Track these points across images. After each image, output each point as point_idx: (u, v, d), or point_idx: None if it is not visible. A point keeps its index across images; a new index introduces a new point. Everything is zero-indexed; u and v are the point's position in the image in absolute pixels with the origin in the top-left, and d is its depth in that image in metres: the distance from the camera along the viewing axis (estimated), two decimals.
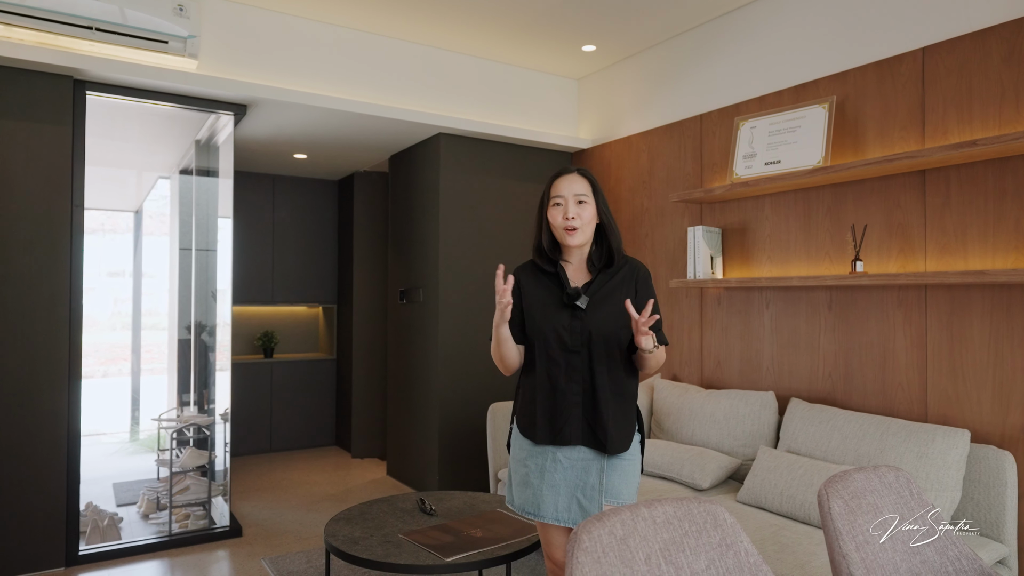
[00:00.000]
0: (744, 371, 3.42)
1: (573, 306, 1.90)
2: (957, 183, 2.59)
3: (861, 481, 1.39)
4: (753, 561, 1.18)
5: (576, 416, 1.88)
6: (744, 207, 3.42)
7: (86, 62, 3.06)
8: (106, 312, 3.13)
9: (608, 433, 1.86)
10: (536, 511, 1.91)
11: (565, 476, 1.89)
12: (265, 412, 5.60)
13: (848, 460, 2.62)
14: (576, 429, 1.88)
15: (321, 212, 6.01)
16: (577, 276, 1.99)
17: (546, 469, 1.91)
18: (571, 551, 1.05)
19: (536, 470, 1.92)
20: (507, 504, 2.03)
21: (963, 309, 2.57)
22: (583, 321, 1.89)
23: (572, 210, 1.91)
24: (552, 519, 1.89)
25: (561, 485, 1.89)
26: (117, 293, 4.69)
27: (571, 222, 1.91)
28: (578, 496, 1.88)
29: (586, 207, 1.93)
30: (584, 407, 1.89)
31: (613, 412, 1.88)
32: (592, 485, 1.88)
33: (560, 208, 1.94)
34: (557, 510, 1.89)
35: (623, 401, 1.92)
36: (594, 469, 1.89)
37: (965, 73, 2.57)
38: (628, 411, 1.94)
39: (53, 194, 3.12)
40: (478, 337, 4.26)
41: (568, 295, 1.91)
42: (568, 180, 1.96)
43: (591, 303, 1.90)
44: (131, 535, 3.51)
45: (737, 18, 3.49)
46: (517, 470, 1.99)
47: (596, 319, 1.88)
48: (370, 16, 3.68)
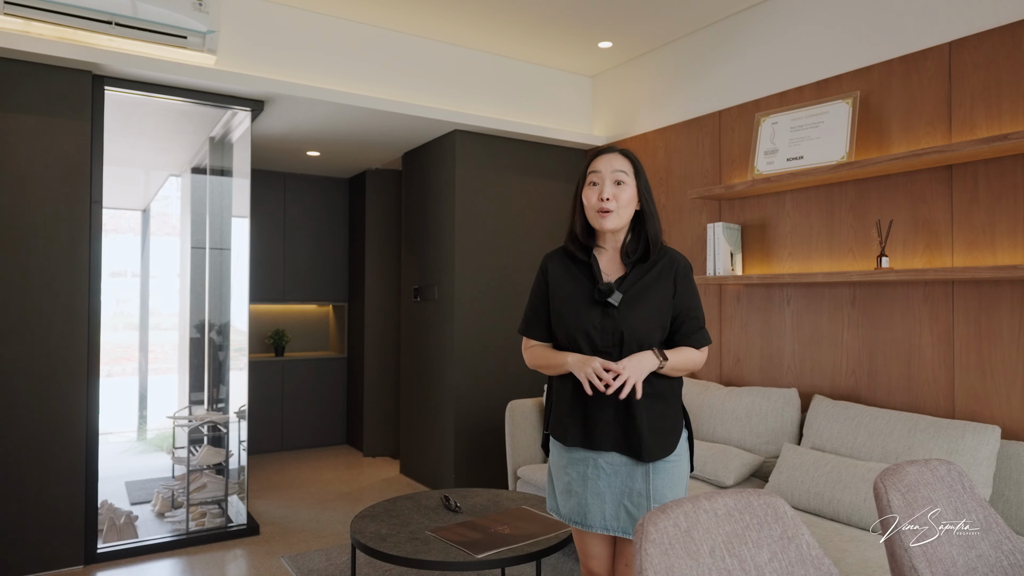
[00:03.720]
0: (765, 368, 3.40)
1: (604, 303, 1.75)
2: (985, 178, 2.57)
3: (914, 474, 1.37)
4: (815, 555, 1.17)
5: (608, 420, 1.75)
6: (764, 203, 3.41)
7: (105, 57, 3.05)
8: (108, 312, 3.13)
9: (643, 439, 1.72)
10: (583, 520, 1.78)
11: (609, 482, 1.76)
12: (276, 410, 5.59)
13: (875, 457, 2.60)
14: (608, 435, 1.75)
15: (332, 210, 5.99)
16: (611, 268, 1.83)
17: (588, 476, 1.77)
18: (639, 543, 1.03)
19: (578, 478, 1.79)
20: (549, 511, 1.92)
21: (991, 304, 2.55)
22: (615, 320, 1.74)
23: (608, 190, 1.76)
24: (600, 528, 1.77)
25: (606, 492, 1.76)
26: (121, 293, 4.67)
27: (606, 203, 1.76)
28: (625, 503, 1.75)
29: (624, 188, 1.77)
30: (616, 411, 1.75)
31: (648, 416, 1.74)
32: (639, 491, 1.74)
33: (596, 188, 1.79)
34: (605, 519, 1.76)
35: (661, 403, 1.77)
36: (639, 474, 1.75)
37: (993, 67, 2.55)
38: (668, 413, 1.79)
39: (72, 191, 3.10)
40: (494, 334, 4.25)
41: (599, 291, 1.75)
42: (608, 158, 1.81)
43: (624, 300, 1.75)
44: (147, 533, 3.49)
45: (757, 14, 3.48)
46: (559, 477, 1.86)
47: (629, 318, 1.73)
48: (387, 13, 3.66)
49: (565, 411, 1.81)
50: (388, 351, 5.55)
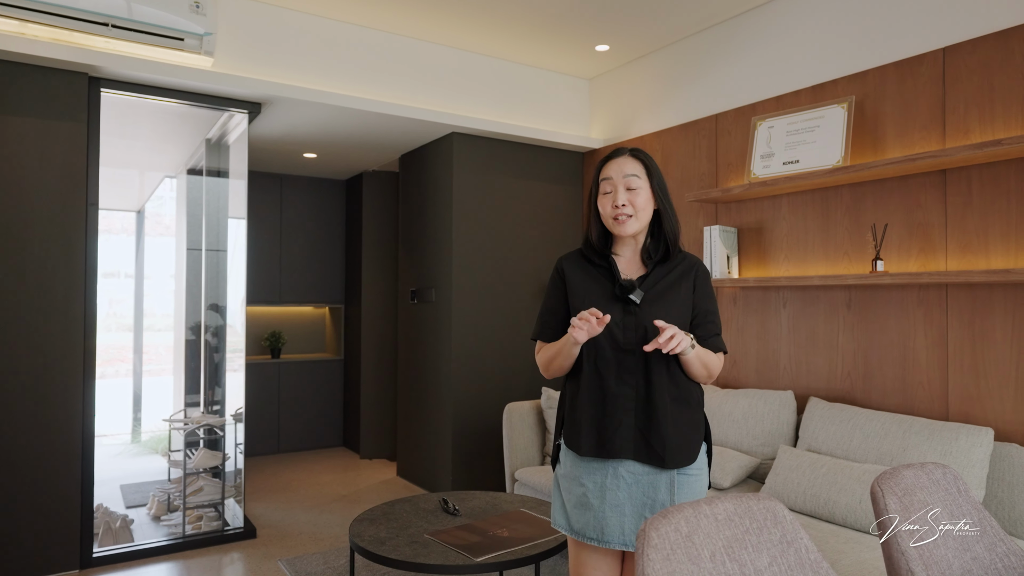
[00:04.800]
0: (761, 370, 3.42)
1: (626, 300, 1.70)
2: (979, 182, 2.60)
3: (911, 478, 1.39)
4: (814, 559, 1.18)
5: (627, 424, 1.67)
6: (761, 207, 3.43)
7: (101, 59, 3.04)
8: (102, 313, 3.14)
9: (667, 442, 1.64)
10: (600, 536, 1.67)
11: (630, 493, 1.67)
12: (273, 412, 5.58)
13: (870, 459, 2.62)
14: (626, 440, 1.67)
15: (328, 212, 5.99)
16: (631, 270, 1.79)
17: (607, 488, 1.68)
18: (641, 548, 1.04)
19: (595, 489, 1.69)
20: (554, 527, 1.80)
21: (985, 308, 2.58)
22: (637, 317, 1.68)
23: (622, 196, 1.72)
24: (619, 544, 1.66)
25: (626, 504, 1.67)
26: (114, 294, 4.65)
27: (622, 210, 1.72)
28: (647, 516, 1.66)
29: (639, 193, 1.73)
30: (637, 414, 1.67)
31: (674, 419, 1.67)
32: (662, 503, 1.66)
33: (609, 196, 1.75)
34: (624, 533, 1.66)
35: (686, 408, 1.71)
36: (663, 485, 1.67)
37: (987, 73, 2.58)
38: (692, 419, 1.72)
39: (68, 193, 3.09)
40: (492, 336, 4.25)
41: (621, 287, 1.70)
42: (618, 162, 1.76)
43: (646, 298, 1.70)
44: (142, 537, 3.48)
45: (753, 18, 3.50)
46: (571, 489, 1.73)
47: (652, 316, 1.67)
48: (385, 15, 3.67)
49: (580, 416, 1.72)
50: (385, 353, 5.55)
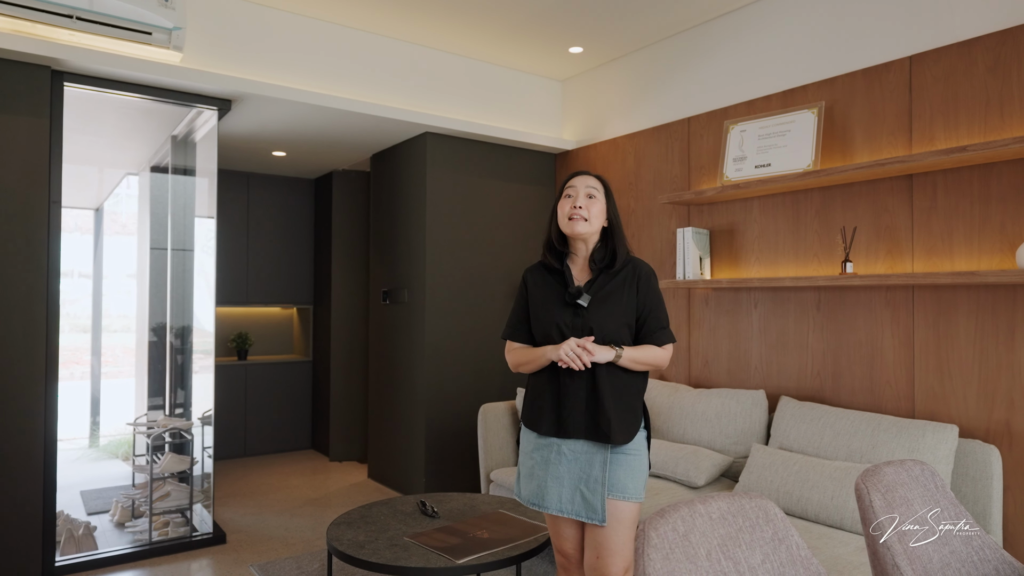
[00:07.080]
0: (732, 370, 3.48)
1: (575, 304, 2.00)
2: (944, 187, 2.68)
3: (892, 475, 1.43)
4: (804, 555, 1.20)
5: (580, 410, 1.96)
6: (733, 209, 3.48)
7: (65, 52, 2.94)
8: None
9: (611, 423, 1.93)
10: (540, 502, 2.00)
11: (569, 468, 1.97)
12: (239, 415, 5.47)
13: (840, 456, 2.69)
14: (579, 423, 1.96)
15: (297, 211, 5.89)
16: (581, 275, 2.09)
17: (551, 461, 1.99)
18: (641, 548, 1.05)
19: (541, 462, 2.01)
20: (514, 495, 2.12)
21: (949, 309, 2.67)
22: (584, 319, 1.98)
23: (581, 201, 2.03)
24: (556, 510, 1.97)
25: (565, 477, 1.96)
26: (69, 293, 4.50)
27: (578, 212, 2.02)
28: (581, 488, 1.94)
29: (595, 202, 2.05)
30: (588, 401, 1.96)
31: (615, 405, 1.96)
32: (595, 478, 1.94)
33: (570, 199, 2.06)
34: (561, 501, 1.96)
35: (627, 395, 1.99)
36: (597, 462, 1.95)
37: (951, 82, 2.67)
38: (632, 406, 2.00)
39: (29, 190, 2.98)
40: (464, 337, 4.24)
41: (570, 294, 2.01)
42: (583, 177, 2.10)
43: (593, 301, 1.99)
44: (107, 544, 3.38)
45: (725, 23, 3.55)
46: (524, 462, 2.07)
47: (597, 317, 1.98)
48: (358, 13, 3.62)
49: (540, 402, 2.03)
50: (355, 354, 5.49)
